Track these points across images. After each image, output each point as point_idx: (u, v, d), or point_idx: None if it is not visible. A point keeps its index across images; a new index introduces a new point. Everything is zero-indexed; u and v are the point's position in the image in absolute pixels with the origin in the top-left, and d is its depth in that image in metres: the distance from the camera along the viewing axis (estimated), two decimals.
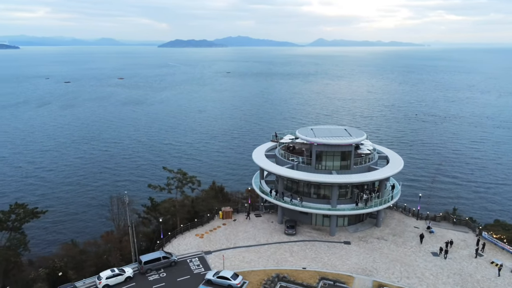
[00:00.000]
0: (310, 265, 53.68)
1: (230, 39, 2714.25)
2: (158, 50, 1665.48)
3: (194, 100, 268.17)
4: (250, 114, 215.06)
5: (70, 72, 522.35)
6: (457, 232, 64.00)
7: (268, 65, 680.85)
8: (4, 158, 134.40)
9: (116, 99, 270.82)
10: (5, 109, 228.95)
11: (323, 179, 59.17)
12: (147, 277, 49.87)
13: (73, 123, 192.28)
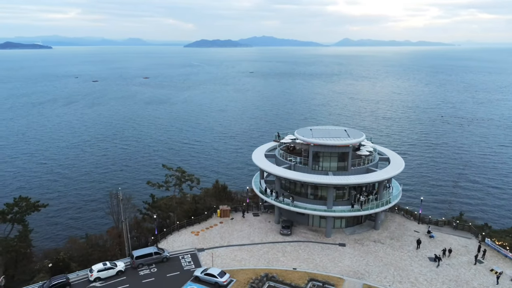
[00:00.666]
0: (301, 265, 53.53)
1: (254, 39, 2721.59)
2: (183, 50, 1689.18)
3: (216, 99, 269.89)
4: (271, 114, 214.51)
5: (98, 71, 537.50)
6: (459, 238, 62.19)
7: (292, 65, 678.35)
8: (31, 154, 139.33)
9: (140, 98, 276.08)
10: (34, 107, 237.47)
11: (317, 180, 58.78)
12: (138, 271, 51.15)
13: (97, 121, 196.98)
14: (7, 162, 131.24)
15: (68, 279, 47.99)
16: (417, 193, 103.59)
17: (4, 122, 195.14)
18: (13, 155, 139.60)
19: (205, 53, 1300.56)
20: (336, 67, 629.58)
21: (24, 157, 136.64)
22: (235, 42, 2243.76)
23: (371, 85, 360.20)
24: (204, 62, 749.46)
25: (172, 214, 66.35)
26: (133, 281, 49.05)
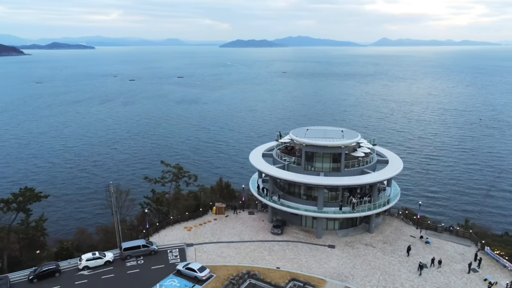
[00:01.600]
0: (285, 265, 53.60)
1: (290, 39, 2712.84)
2: (219, 50, 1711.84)
3: (245, 99, 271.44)
4: (299, 115, 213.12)
5: (136, 70, 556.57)
6: (457, 245, 59.81)
7: (326, 65, 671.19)
8: (62, 150, 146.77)
9: (172, 98, 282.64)
10: (72, 105, 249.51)
11: (305, 180, 58.61)
12: (125, 263, 53.30)
13: (127, 119, 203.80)
14: (40, 156, 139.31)
15: (58, 266, 50.80)
16: (431, 200, 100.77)
17: (44, 118, 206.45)
18: (46, 149, 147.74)
19: (240, 53, 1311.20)
20: (372, 67, 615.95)
21: (55, 152, 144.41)
22: (270, 42, 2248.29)
23: (407, 87, 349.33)
24: (237, 62, 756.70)
25: (167, 209, 68.11)
26: (118, 271, 51.23)
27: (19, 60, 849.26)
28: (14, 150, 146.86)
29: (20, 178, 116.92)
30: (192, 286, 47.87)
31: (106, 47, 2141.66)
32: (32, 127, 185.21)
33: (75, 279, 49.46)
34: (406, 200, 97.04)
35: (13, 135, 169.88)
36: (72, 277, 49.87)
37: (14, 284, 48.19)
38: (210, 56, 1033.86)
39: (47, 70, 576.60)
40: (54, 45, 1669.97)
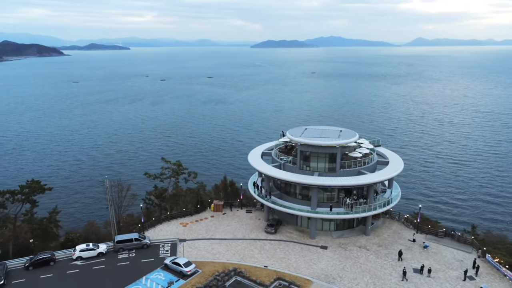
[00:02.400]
0: (273, 264, 53.47)
1: (321, 39, 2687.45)
2: (249, 50, 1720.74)
3: (272, 100, 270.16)
4: (325, 115, 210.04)
5: (167, 71, 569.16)
6: (457, 251, 57.47)
7: (357, 65, 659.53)
8: (93, 147, 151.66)
9: (200, 97, 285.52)
10: (104, 104, 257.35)
11: (298, 179, 58.21)
12: (118, 255, 54.98)
13: (155, 118, 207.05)
14: (67, 153, 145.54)
15: (53, 255, 53.15)
16: (446, 206, 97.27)
17: (77, 116, 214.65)
18: (75, 146, 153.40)
19: (270, 53, 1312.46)
20: (405, 68, 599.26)
21: (82, 149, 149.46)
22: (301, 43, 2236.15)
23: (441, 88, 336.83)
24: (267, 63, 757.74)
25: (169, 204, 69.50)
26: (109, 263, 52.97)
27: (59, 61, 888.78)
28: (46, 146, 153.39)
29: (47, 172, 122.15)
30: (177, 280, 48.77)
31: (141, 48, 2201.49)
32: (65, 125, 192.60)
33: (68, 269, 51.63)
34: (413, 203, 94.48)
35: (47, 132, 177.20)
36: (65, 267, 52.07)
37: (11, 271, 50.82)
38: (240, 57, 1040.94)
39: (84, 70, 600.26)
40: (91, 46, 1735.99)
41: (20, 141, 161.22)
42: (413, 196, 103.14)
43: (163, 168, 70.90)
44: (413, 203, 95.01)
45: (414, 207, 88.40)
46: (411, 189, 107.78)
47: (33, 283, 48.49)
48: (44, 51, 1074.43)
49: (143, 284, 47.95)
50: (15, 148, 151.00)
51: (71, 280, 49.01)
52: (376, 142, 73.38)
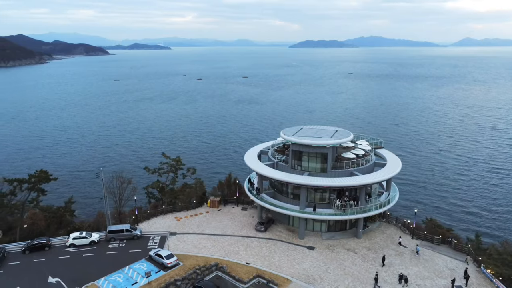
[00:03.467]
0: (256, 261, 53.68)
1: (361, 40, 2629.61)
2: (287, 50, 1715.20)
3: (305, 100, 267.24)
4: (358, 117, 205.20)
5: (204, 70, 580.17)
6: (450, 259, 54.93)
7: (396, 66, 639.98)
8: (129, 143, 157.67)
9: (232, 97, 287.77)
10: (140, 102, 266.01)
11: (286, 178, 58.08)
12: (109, 244, 57.39)
13: (187, 116, 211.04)
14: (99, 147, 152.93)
15: (48, 241, 56.38)
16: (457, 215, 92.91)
17: (114, 113, 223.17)
18: (110, 141, 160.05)
19: (308, 53, 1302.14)
20: (448, 69, 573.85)
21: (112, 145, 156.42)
22: (341, 43, 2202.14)
23: (485, 91, 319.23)
24: (304, 63, 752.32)
25: (164, 197, 71.51)
26: (99, 251, 55.48)
27: (104, 60, 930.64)
28: (79, 140, 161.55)
29: (78, 165, 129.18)
30: (158, 271, 50.27)
31: (181, 48, 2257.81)
32: (100, 121, 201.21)
33: (60, 254, 54.61)
34: (423, 208, 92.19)
35: (83, 128, 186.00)
36: (58, 252, 55.12)
37: (10, 253, 54.49)
38: (278, 57, 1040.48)
39: (125, 69, 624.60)
40: (135, 45, 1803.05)
41: (57, 135, 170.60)
42: (426, 201, 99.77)
43: (161, 163, 72.93)
44: (422, 209, 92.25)
45: (421, 213, 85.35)
46: (427, 194, 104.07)
47: (26, 266, 51.77)
48: (91, 50, 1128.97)
49: (125, 273, 49.85)
50: (52, 141, 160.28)
51: (60, 265, 51.83)
52: (379, 143, 71.68)
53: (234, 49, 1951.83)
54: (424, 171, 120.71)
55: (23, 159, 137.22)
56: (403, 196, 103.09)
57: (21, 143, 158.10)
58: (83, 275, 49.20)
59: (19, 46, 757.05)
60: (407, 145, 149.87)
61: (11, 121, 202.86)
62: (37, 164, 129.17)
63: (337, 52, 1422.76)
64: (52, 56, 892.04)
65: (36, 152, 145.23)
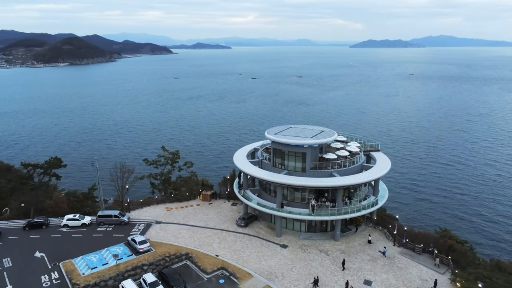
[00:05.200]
0: (225, 255, 55.21)
1: (429, 39, 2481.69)
2: (347, 50, 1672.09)
3: (357, 102, 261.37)
4: (411, 121, 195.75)
5: (260, 69, 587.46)
6: (427, 269, 52.22)
7: (465, 68, 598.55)
8: (169, 138, 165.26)
9: (283, 97, 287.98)
10: (194, 99, 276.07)
11: (260, 175, 58.96)
12: (98, 227, 62.24)
13: (234, 115, 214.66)
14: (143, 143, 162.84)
15: (46, 220, 62.53)
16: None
17: (169, 110, 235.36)
18: (161, 137, 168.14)
19: (369, 53, 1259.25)
20: None
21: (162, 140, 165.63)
22: (406, 43, 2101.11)
23: None
24: (362, 63, 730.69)
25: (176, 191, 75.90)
26: (87, 233, 60.49)
27: (167, 58, 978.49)
28: (132, 135, 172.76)
29: (120, 154, 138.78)
30: (130, 255, 53.87)
31: (241, 47, 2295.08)
32: (155, 117, 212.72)
33: (54, 233, 60.45)
34: (427, 216, 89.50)
35: (139, 122, 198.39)
36: (53, 231, 61.02)
37: (13, 229, 61.43)
38: (336, 57, 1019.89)
39: (186, 67, 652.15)
40: (197, 45, 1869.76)
41: (115, 130, 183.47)
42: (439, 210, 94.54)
43: (159, 155, 77.00)
44: (423, 215, 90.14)
45: (420, 219, 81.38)
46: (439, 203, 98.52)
47: (22, 240, 58.16)
48: (156, 49, 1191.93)
49: (101, 254, 54.05)
50: (110, 135, 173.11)
51: (50, 242, 57.49)
52: (375, 146, 69.51)
53: (293, 49, 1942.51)
54: (465, 184, 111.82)
55: (76, 147, 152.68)
56: (404, 202, 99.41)
57: (76, 135, 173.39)
58: (66, 252, 54.20)
59: (93, 45, 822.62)
60: (458, 154, 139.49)
61: (74, 115, 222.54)
62: (80, 153, 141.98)
63: (400, 52, 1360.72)
64: (121, 54, 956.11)
65: (84, 142, 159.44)
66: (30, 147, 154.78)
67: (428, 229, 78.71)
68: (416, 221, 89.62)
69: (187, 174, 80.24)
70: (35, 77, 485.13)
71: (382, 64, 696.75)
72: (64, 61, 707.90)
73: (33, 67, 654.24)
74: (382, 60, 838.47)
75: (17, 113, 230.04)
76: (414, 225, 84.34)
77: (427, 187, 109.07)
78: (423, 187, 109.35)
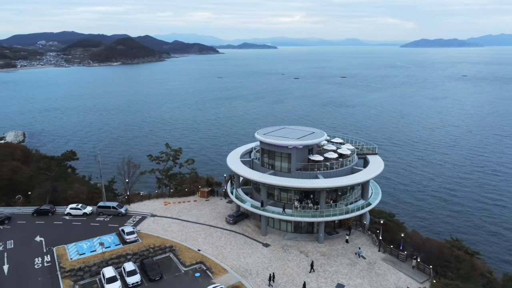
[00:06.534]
0: (207, 249, 56.93)
1: (488, 38, 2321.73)
2: (398, 50, 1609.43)
3: (400, 104, 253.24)
4: (457, 126, 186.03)
5: (303, 69, 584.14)
6: (407, 277, 50.82)
7: None
8: (205, 139, 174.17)
9: (322, 98, 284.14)
10: (233, 99, 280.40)
11: (244, 174, 59.94)
12: (97, 217, 66.43)
13: (268, 116, 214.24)
14: None
15: (52, 208, 67.72)
16: None
17: (208, 109, 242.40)
18: (198, 135, 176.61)
19: (421, 53, 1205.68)
20: None
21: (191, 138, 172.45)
22: (461, 42, 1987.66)
23: None
24: (411, 63, 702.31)
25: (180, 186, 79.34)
26: (86, 222, 64.79)
27: (213, 58, 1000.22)
28: (170, 132, 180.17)
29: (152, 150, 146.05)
30: (118, 244, 57.21)
31: (287, 47, 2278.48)
32: (194, 116, 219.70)
33: (57, 220, 65.43)
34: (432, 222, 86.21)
35: (179, 121, 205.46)
36: (56, 219, 66.04)
37: (23, 214, 67.15)
38: (384, 57, 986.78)
39: (230, 67, 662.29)
40: (244, 45, 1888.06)
41: (151, 127, 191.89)
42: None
43: (161, 152, 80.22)
44: (429, 222, 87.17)
45: (436, 226, 78.03)
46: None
47: (28, 225, 63.63)
48: (204, 49, 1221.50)
49: (92, 242, 57.83)
50: (145, 132, 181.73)
51: (52, 228, 62.40)
52: (372, 149, 68.04)
53: (341, 49, 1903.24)
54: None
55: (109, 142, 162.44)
56: (428, 209, 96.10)
57: (113, 131, 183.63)
58: (62, 238, 58.64)
59: (143, 45, 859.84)
60: (505, 163, 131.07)
61: (117, 112, 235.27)
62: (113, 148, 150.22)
63: (455, 52, 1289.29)
64: (170, 54, 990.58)
65: (120, 139, 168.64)
66: (71, 140, 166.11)
67: (444, 238, 76.09)
68: (431, 229, 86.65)
69: (187, 170, 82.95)
70: (89, 76, 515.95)
71: (433, 65, 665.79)
72: (117, 60, 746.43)
73: (89, 66, 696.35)
74: (434, 60, 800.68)
75: (66, 109, 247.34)
76: (426, 232, 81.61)
77: (463, 197, 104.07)
78: (459, 197, 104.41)
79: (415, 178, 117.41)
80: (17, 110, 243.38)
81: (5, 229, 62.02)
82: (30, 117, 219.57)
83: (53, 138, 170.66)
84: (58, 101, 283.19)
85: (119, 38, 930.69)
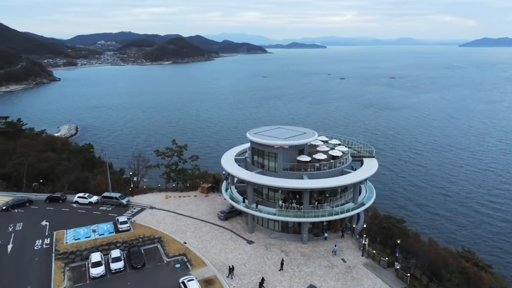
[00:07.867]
0: (193, 243, 58.84)
1: None
2: (456, 50, 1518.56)
3: (451, 107, 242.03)
4: (505, 131, 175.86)
5: (351, 69, 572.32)
6: (384, 285, 49.17)
7: None
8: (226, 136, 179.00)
9: (365, 99, 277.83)
10: (272, 99, 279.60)
11: (232, 171, 60.96)
12: (101, 206, 70.82)
13: (305, 117, 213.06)
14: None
15: (62, 196, 73.13)
16: None
17: (245, 109, 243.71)
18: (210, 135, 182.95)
19: (482, 53, 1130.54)
20: None
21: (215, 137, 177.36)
22: None
23: None
24: (469, 64, 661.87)
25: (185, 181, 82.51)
26: (90, 211, 69.30)
27: (261, 57, 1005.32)
28: (207, 131, 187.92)
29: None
30: (112, 232, 60.89)
31: (337, 47, 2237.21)
32: (236, 115, 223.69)
33: (65, 207, 70.64)
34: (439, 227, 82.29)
35: (213, 120, 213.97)
36: (65, 206, 71.29)
37: (38, 200, 73.13)
38: (440, 57, 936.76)
39: (276, 67, 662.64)
40: (292, 44, 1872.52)
41: (192, 125, 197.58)
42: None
43: (167, 148, 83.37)
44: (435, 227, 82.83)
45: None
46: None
47: (39, 210, 69.27)
48: (252, 49, 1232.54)
49: (90, 228, 61.95)
50: (183, 127, 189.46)
51: (58, 214, 67.52)
52: (369, 152, 66.35)
53: (393, 48, 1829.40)
54: None
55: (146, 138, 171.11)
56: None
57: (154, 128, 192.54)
58: (64, 223, 63.40)
59: (193, 45, 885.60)
60: None
61: (162, 109, 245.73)
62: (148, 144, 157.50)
63: None
64: (219, 54, 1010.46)
65: (155, 135, 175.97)
66: (109, 135, 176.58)
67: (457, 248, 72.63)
68: (453, 238, 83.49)
69: (190, 166, 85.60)
70: (140, 74, 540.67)
71: (493, 65, 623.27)
72: (168, 59, 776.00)
73: (142, 65, 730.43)
74: (495, 61, 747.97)
75: (116, 105, 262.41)
76: (445, 242, 77.93)
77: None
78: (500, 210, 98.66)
79: (455, 188, 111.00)
80: (73, 106, 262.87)
81: (19, 213, 68.19)
82: (84, 112, 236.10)
83: (101, 132, 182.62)
84: (110, 98, 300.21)
85: (171, 38, 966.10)
